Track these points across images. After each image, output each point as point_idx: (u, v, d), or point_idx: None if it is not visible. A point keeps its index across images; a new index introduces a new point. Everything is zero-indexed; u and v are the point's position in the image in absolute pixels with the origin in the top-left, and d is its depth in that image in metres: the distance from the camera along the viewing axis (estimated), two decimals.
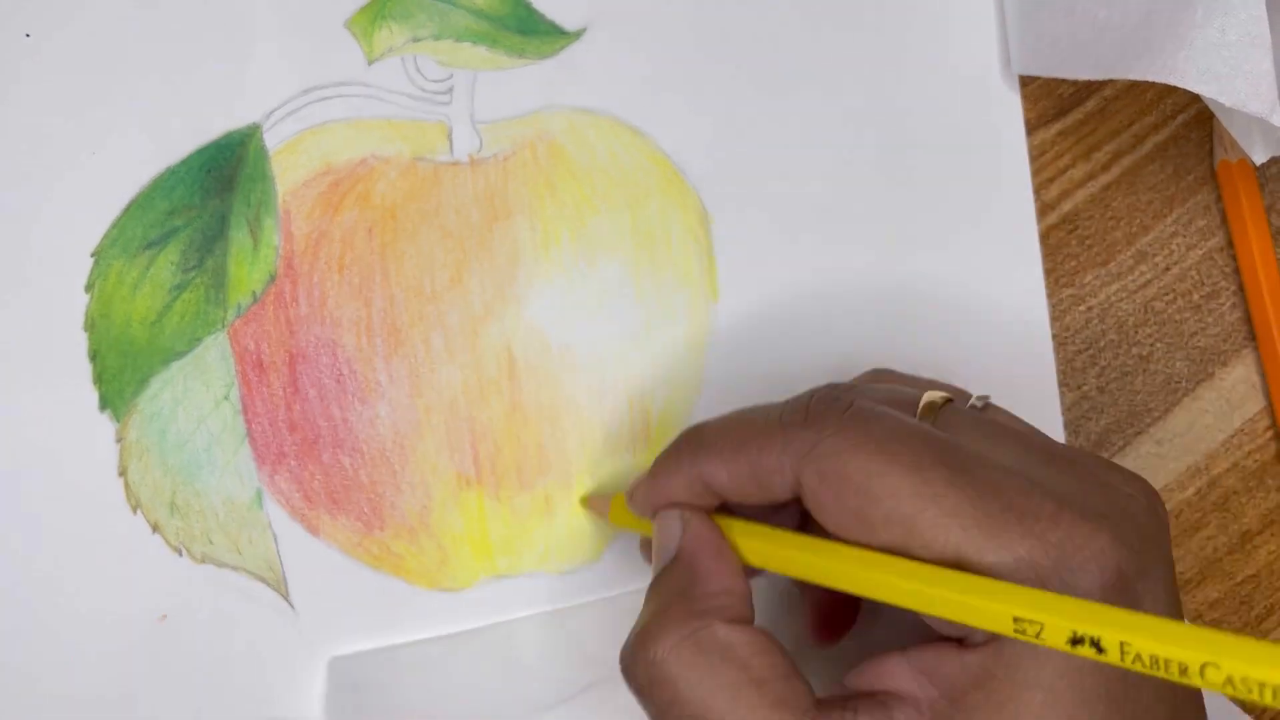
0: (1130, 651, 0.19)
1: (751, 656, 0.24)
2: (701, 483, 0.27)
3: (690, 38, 0.34)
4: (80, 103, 0.31)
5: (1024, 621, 0.20)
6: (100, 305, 0.31)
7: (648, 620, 0.26)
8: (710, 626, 0.25)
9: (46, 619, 0.30)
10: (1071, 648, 0.20)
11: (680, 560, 0.27)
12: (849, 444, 0.24)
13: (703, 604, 0.25)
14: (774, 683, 0.24)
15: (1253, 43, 0.28)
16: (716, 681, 0.24)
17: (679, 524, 0.27)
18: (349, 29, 0.32)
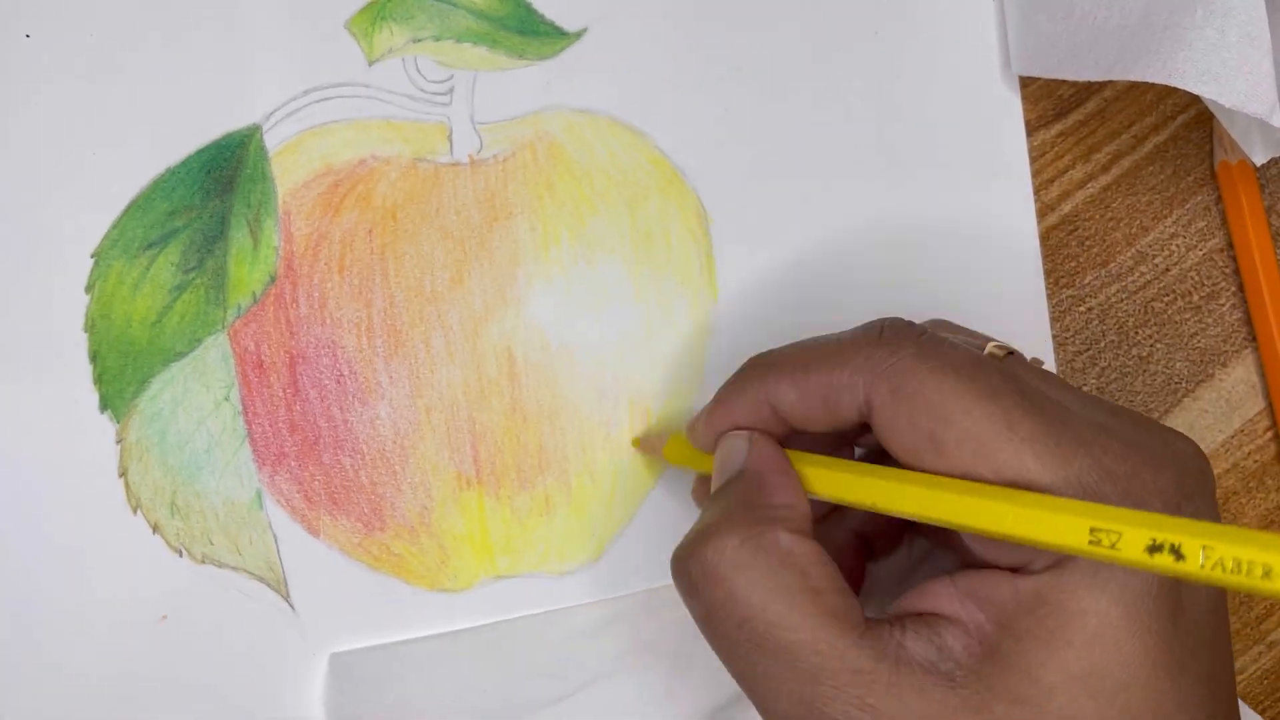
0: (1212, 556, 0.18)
1: (810, 566, 0.24)
2: (768, 406, 0.27)
3: (689, 38, 0.34)
4: (80, 104, 0.31)
5: (1100, 531, 0.20)
6: (100, 306, 0.31)
7: (710, 521, 0.25)
8: (774, 531, 0.25)
9: (47, 620, 0.30)
10: (1150, 556, 0.19)
11: (745, 474, 0.26)
12: (926, 365, 0.24)
13: (766, 512, 0.25)
14: (829, 595, 0.24)
15: (1252, 43, 0.28)
16: (774, 584, 0.24)
17: (745, 442, 0.27)
18: (349, 30, 0.32)
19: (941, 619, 0.24)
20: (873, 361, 0.25)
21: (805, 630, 0.23)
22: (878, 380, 0.24)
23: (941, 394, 0.23)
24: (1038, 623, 0.22)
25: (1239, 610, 0.37)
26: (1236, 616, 0.37)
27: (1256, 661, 0.37)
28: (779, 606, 0.24)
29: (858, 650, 0.23)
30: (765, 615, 0.24)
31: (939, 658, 0.23)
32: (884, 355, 0.24)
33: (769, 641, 0.24)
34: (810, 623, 0.23)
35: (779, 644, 0.24)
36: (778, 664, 0.24)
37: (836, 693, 0.23)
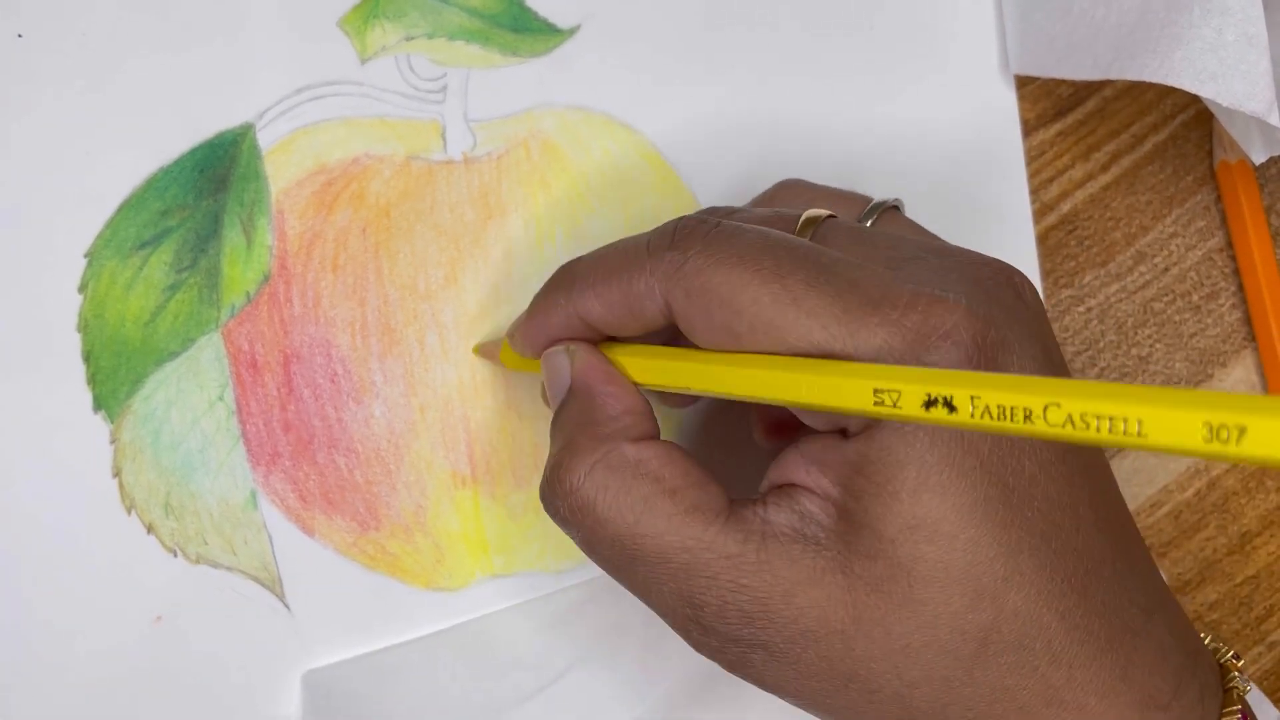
0: (979, 404, 0.19)
1: (662, 468, 0.25)
2: (578, 317, 0.27)
3: (684, 35, 0.34)
4: (73, 103, 0.31)
5: (883, 392, 0.21)
6: (93, 306, 0.31)
7: (557, 453, 0.26)
8: (618, 448, 0.25)
9: (41, 620, 0.30)
10: (926, 411, 0.20)
11: (575, 392, 0.27)
12: (713, 260, 0.24)
13: (606, 428, 0.26)
14: (687, 490, 0.25)
15: (1250, 42, 0.28)
16: (631, 498, 0.25)
17: (565, 358, 0.27)
18: (342, 28, 0.32)
19: (798, 488, 0.25)
20: (665, 265, 0.25)
21: (670, 533, 0.24)
22: (672, 284, 0.25)
23: (730, 286, 0.24)
24: (867, 480, 0.23)
25: (1239, 611, 0.37)
26: (1236, 617, 0.37)
27: (1257, 662, 0.37)
28: (640, 516, 0.25)
29: (724, 537, 0.24)
30: (631, 529, 0.25)
31: (802, 524, 0.24)
32: (675, 258, 0.25)
33: (641, 552, 0.25)
34: (673, 524, 0.24)
35: (650, 550, 0.25)
36: (653, 570, 0.25)
37: (711, 581, 0.24)
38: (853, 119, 0.34)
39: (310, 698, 0.31)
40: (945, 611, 0.23)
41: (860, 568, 0.23)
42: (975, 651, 0.23)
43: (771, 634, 0.24)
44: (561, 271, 0.28)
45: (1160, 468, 0.36)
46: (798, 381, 0.23)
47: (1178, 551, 0.36)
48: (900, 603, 0.23)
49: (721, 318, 0.24)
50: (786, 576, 0.24)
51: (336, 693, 0.31)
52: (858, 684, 0.24)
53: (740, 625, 0.24)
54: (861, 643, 0.24)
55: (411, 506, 0.32)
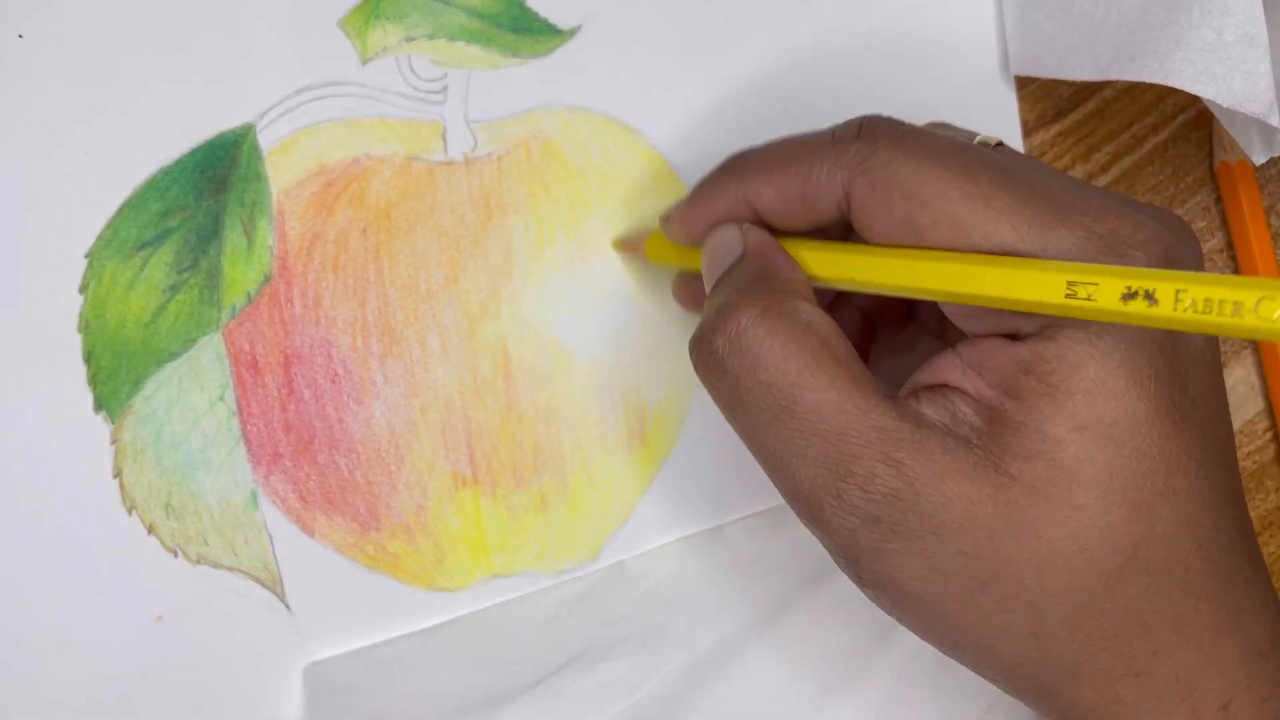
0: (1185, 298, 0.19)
1: (831, 335, 0.25)
2: (746, 204, 0.27)
3: (684, 36, 0.34)
4: (73, 104, 0.30)
5: (1077, 284, 0.20)
6: (94, 307, 0.31)
7: (726, 299, 0.25)
8: (794, 300, 0.25)
9: (42, 620, 0.30)
10: (1124, 304, 0.20)
11: (748, 255, 0.26)
12: (902, 152, 0.24)
13: (783, 284, 0.25)
14: (850, 363, 0.24)
15: (1250, 43, 0.28)
16: (798, 348, 0.24)
17: (738, 233, 0.27)
18: (342, 28, 0.32)
19: (950, 389, 0.24)
20: (850, 155, 0.25)
21: (831, 390, 0.24)
22: (855, 174, 0.24)
23: (918, 178, 0.24)
24: (1038, 381, 0.23)
25: None
26: None
27: None
28: (804, 369, 0.24)
29: (881, 409, 0.24)
30: (790, 377, 0.24)
31: (954, 422, 0.24)
32: (861, 148, 0.25)
33: (795, 404, 0.24)
34: (835, 384, 0.24)
35: (805, 405, 0.24)
36: (802, 426, 0.24)
37: (863, 449, 0.24)
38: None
39: (312, 691, 0.31)
40: (1101, 521, 0.23)
41: (1016, 468, 0.23)
42: (1120, 566, 0.23)
43: (914, 519, 0.23)
44: (733, 157, 0.27)
45: None
46: (984, 274, 0.22)
47: None
48: (1056, 506, 0.23)
49: (904, 210, 0.24)
50: (939, 461, 0.23)
51: (338, 686, 0.31)
52: (993, 588, 0.24)
53: (884, 503, 0.24)
54: (1008, 543, 0.23)
55: (412, 507, 0.32)
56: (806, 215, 0.26)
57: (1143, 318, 0.20)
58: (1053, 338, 0.23)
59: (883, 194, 0.24)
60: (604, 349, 0.33)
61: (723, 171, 0.27)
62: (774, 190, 0.26)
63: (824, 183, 0.25)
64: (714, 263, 0.27)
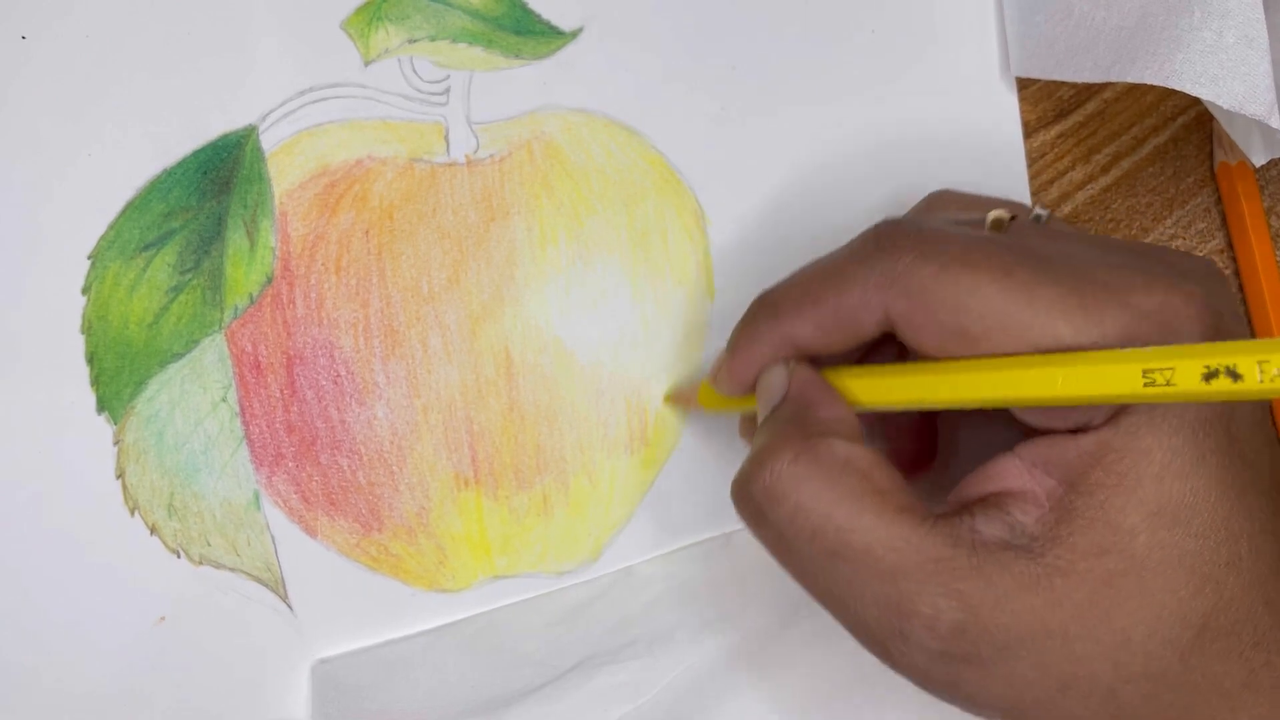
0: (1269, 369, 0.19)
1: (871, 469, 0.24)
2: (787, 343, 0.26)
3: (686, 38, 0.34)
4: (76, 105, 0.31)
5: (1154, 371, 0.20)
6: (97, 308, 0.31)
7: (762, 445, 0.25)
8: (829, 441, 0.24)
9: (45, 621, 0.30)
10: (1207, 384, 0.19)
11: (789, 398, 0.26)
12: (930, 264, 0.24)
13: (817, 426, 0.25)
14: (895, 493, 0.24)
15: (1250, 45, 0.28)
16: (838, 490, 0.24)
17: (784, 371, 0.27)
18: (345, 30, 0.32)
19: (1007, 495, 0.24)
20: (878, 274, 0.24)
21: (878, 529, 0.23)
22: (890, 293, 0.24)
23: (956, 288, 0.23)
24: (1106, 472, 0.23)
25: None
26: None
27: None
28: (847, 510, 0.23)
29: (934, 539, 0.23)
30: (834, 521, 0.24)
31: (1012, 535, 0.23)
32: (887, 265, 0.24)
33: (844, 547, 0.24)
34: (882, 520, 0.23)
35: (854, 548, 0.23)
36: (856, 569, 0.23)
37: (921, 585, 0.23)
38: (855, 121, 0.35)
39: (319, 689, 0.31)
40: (1171, 600, 0.23)
41: (1086, 566, 0.23)
42: (1193, 639, 0.23)
43: (984, 647, 0.23)
44: (759, 303, 0.27)
45: None
46: (1055, 375, 0.22)
47: None
48: (1128, 595, 0.23)
49: (952, 321, 0.23)
50: (1000, 583, 0.23)
51: (345, 684, 0.31)
52: (1072, 688, 0.23)
53: (951, 638, 0.23)
54: (1083, 643, 0.23)
55: (414, 508, 0.32)
56: (848, 341, 0.26)
57: (1228, 394, 0.19)
58: (1117, 424, 0.23)
59: (924, 309, 0.24)
60: (606, 350, 0.33)
61: (755, 317, 0.27)
62: (811, 325, 0.26)
63: (859, 308, 0.25)
64: (761, 406, 0.27)
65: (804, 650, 0.32)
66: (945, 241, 0.24)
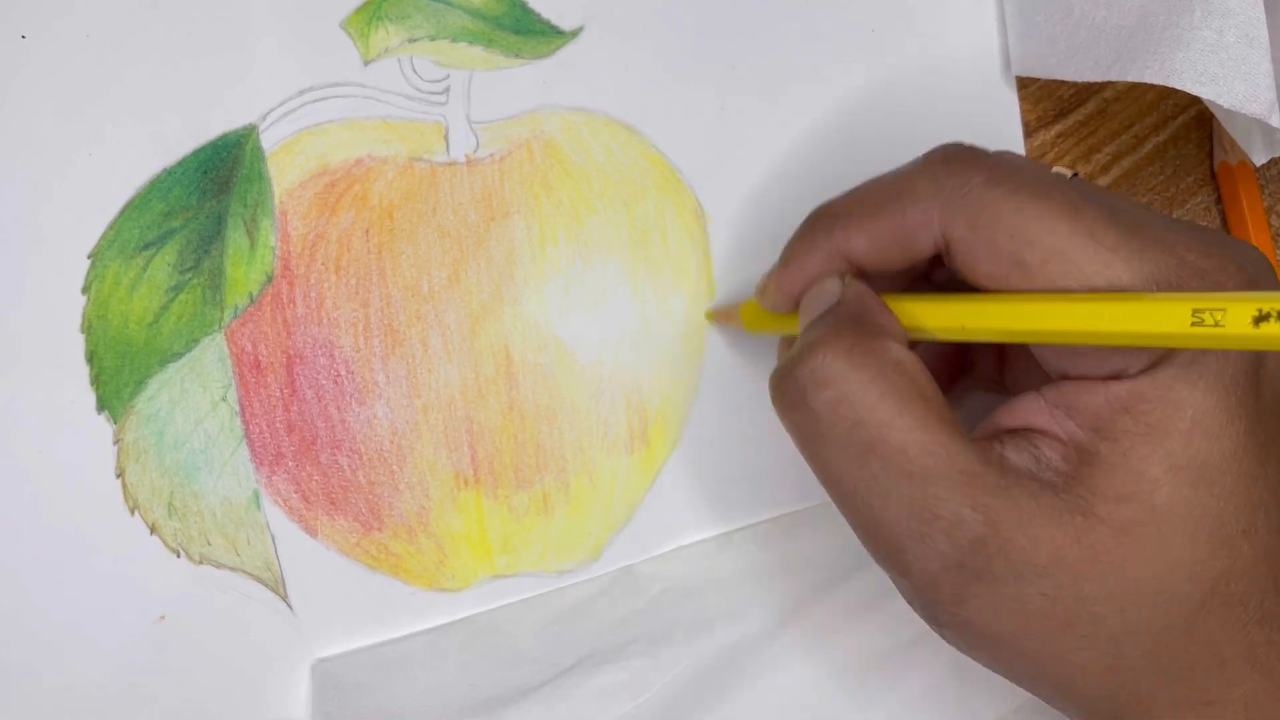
0: None
1: (920, 375, 0.24)
2: (839, 256, 0.26)
3: (686, 37, 0.34)
4: (76, 104, 0.31)
5: (1203, 311, 0.20)
6: (97, 307, 0.31)
7: (815, 337, 0.25)
8: (884, 341, 0.24)
9: (45, 620, 0.30)
10: (1256, 328, 0.20)
11: (844, 301, 0.26)
12: (1000, 190, 0.23)
13: (874, 327, 0.25)
14: (939, 405, 0.24)
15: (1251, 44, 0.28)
16: (887, 386, 0.24)
17: (838, 283, 0.26)
18: (345, 29, 0.32)
19: (1034, 432, 0.24)
20: (945, 193, 0.24)
21: (919, 430, 0.23)
22: (953, 213, 0.24)
23: (1022, 216, 0.23)
24: (1136, 420, 0.23)
25: None
26: None
27: None
28: (891, 408, 0.23)
29: (968, 453, 0.23)
30: (878, 415, 0.24)
31: (1038, 467, 0.23)
32: (956, 185, 0.24)
33: (880, 443, 0.24)
34: (923, 424, 0.23)
35: (892, 445, 0.23)
36: (888, 467, 0.24)
37: (950, 493, 0.23)
38: (854, 120, 0.35)
39: (319, 688, 0.31)
40: (1187, 557, 0.23)
41: (1105, 510, 0.23)
42: (1201, 600, 0.23)
43: (999, 564, 0.23)
44: (816, 214, 0.27)
45: None
46: (1105, 310, 0.22)
47: None
48: (1144, 545, 0.23)
49: (1011, 249, 0.23)
50: (1025, 507, 0.23)
51: (345, 683, 0.31)
52: (1076, 627, 0.24)
53: (969, 549, 0.23)
54: (1092, 584, 0.23)
55: (414, 507, 0.32)
56: (903, 258, 0.25)
57: (1276, 339, 0.19)
58: (1154, 376, 0.23)
59: (986, 234, 0.23)
60: (606, 350, 0.33)
61: (811, 228, 0.27)
62: (867, 238, 0.26)
63: (919, 224, 0.24)
64: (810, 310, 0.27)
65: (802, 650, 0.32)
66: (1019, 171, 0.24)
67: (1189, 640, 0.24)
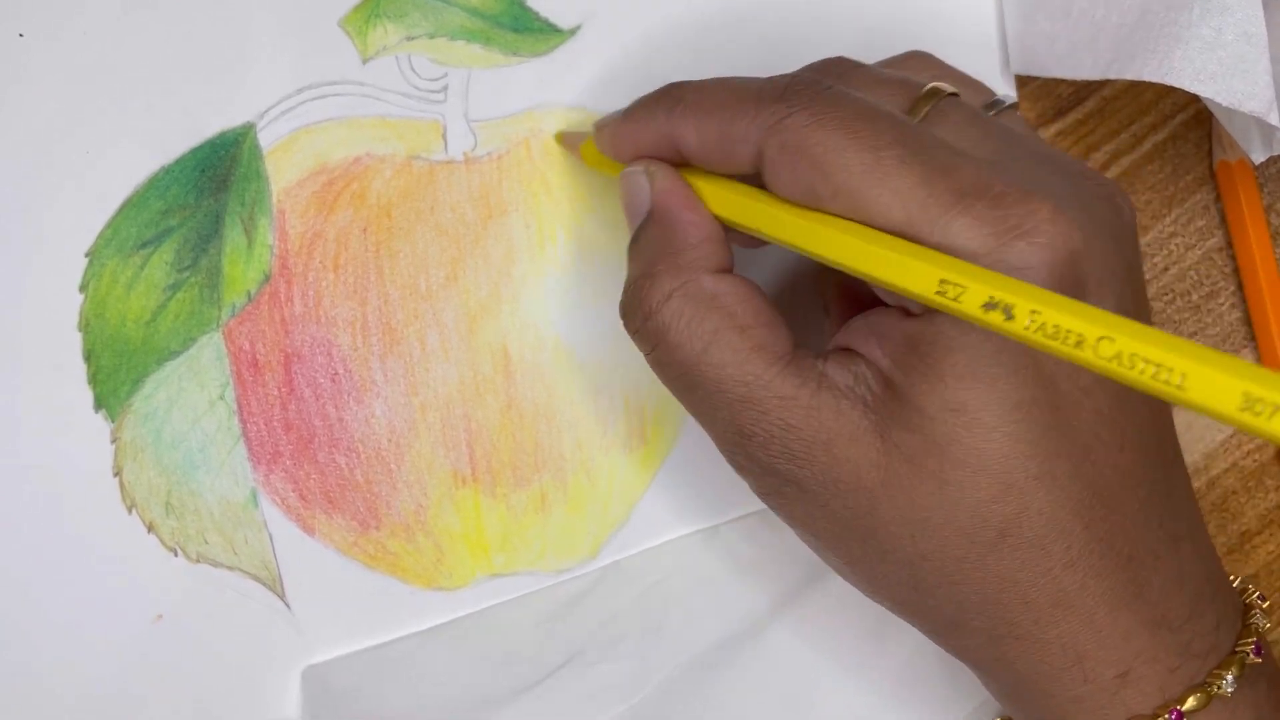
0: (1037, 320, 0.20)
1: (735, 304, 0.26)
2: (669, 140, 0.27)
3: (684, 36, 0.34)
4: (74, 103, 0.31)
5: (948, 284, 0.21)
6: (95, 305, 0.31)
7: (637, 277, 0.27)
8: (696, 278, 0.26)
9: (42, 619, 0.30)
10: (984, 313, 0.20)
11: (654, 216, 0.27)
12: (814, 119, 0.24)
13: (685, 256, 0.27)
14: (756, 329, 0.26)
15: (1249, 42, 0.28)
16: (703, 327, 0.26)
17: (645, 179, 0.28)
18: (343, 28, 0.32)
19: (857, 354, 0.25)
20: (767, 115, 0.25)
21: (732, 365, 0.26)
22: (770, 135, 0.25)
23: (824, 148, 0.24)
24: (919, 358, 0.24)
25: None
26: None
27: None
28: (708, 347, 0.26)
29: (781, 379, 0.25)
30: (698, 358, 0.26)
31: (855, 384, 0.25)
32: (780, 110, 0.25)
33: (702, 379, 0.26)
34: (737, 357, 0.26)
35: (710, 380, 0.26)
36: (712, 396, 0.26)
37: (761, 416, 0.25)
38: None
39: (309, 693, 0.31)
40: (970, 496, 0.24)
41: (897, 437, 0.24)
42: (993, 540, 0.24)
43: (807, 474, 0.25)
44: (669, 88, 0.28)
45: None
46: (868, 252, 0.23)
47: None
48: (927, 477, 0.24)
49: (808, 177, 0.24)
50: (830, 426, 0.25)
51: (335, 688, 0.31)
52: (874, 542, 0.25)
53: (781, 459, 0.25)
54: (885, 506, 0.25)
55: (412, 506, 0.32)
56: (724, 163, 0.26)
57: (999, 328, 0.20)
58: (932, 319, 0.24)
59: (791, 159, 0.25)
60: (604, 348, 0.33)
61: (656, 101, 0.28)
62: (696, 134, 0.27)
63: (740, 138, 0.26)
64: (628, 210, 0.28)
65: (793, 643, 0.33)
66: (838, 105, 0.25)
67: (984, 576, 0.25)
